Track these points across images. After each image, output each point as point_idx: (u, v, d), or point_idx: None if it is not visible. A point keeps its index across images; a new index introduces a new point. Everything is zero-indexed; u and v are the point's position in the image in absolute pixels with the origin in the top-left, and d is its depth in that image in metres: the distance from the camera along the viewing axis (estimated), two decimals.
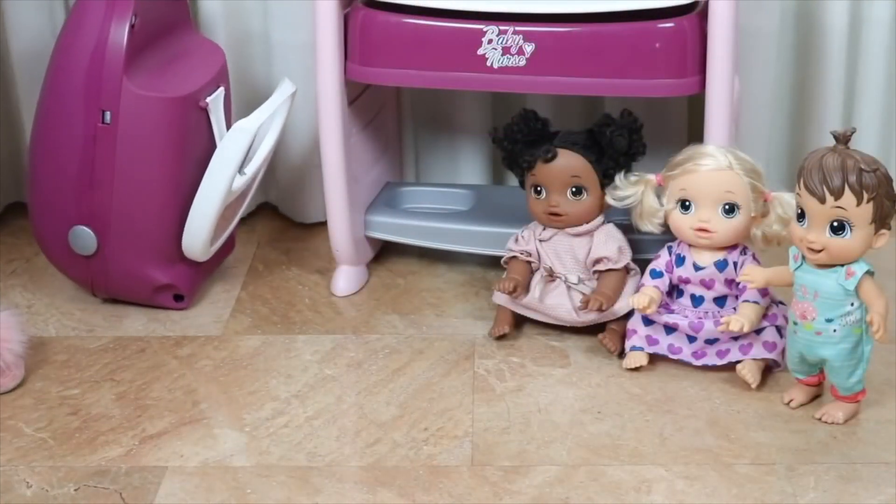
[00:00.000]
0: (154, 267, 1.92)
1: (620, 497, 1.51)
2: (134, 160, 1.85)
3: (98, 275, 1.93)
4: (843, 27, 2.11)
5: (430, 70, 1.83)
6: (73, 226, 1.89)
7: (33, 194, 1.92)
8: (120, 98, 1.82)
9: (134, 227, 1.88)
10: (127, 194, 1.86)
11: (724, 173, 1.72)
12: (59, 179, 1.88)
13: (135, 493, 1.53)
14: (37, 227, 1.95)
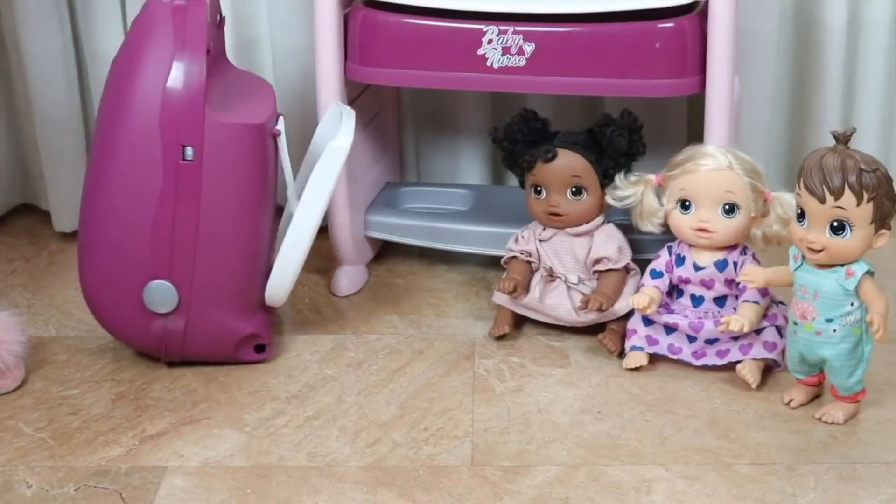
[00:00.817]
0: (237, 316, 1.76)
1: (620, 497, 1.51)
2: (219, 197, 1.69)
3: (173, 335, 1.74)
4: (843, 27, 2.11)
5: (430, 70, 1.83)
6: (149, 281, 1.71)
7: (91, 251, 1.73)
8: (203, 130, 1.67)
9: (218, 272, 1.72)
10: (211, 236, 1.70)
11: (724, 173, 1.72)
12: (131, 230, 1.69)
13: (135, 493, 1.53)
14: (95, 289, 1.75)
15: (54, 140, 2.16)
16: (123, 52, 1.72)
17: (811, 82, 2.17)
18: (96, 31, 2.12)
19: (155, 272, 1.70)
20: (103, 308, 1.76)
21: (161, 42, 1.68)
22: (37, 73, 2.11)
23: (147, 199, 1.68)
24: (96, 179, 1.71)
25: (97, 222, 1.72)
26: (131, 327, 1.75)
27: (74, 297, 2.00)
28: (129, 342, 1.79)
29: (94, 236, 1.72)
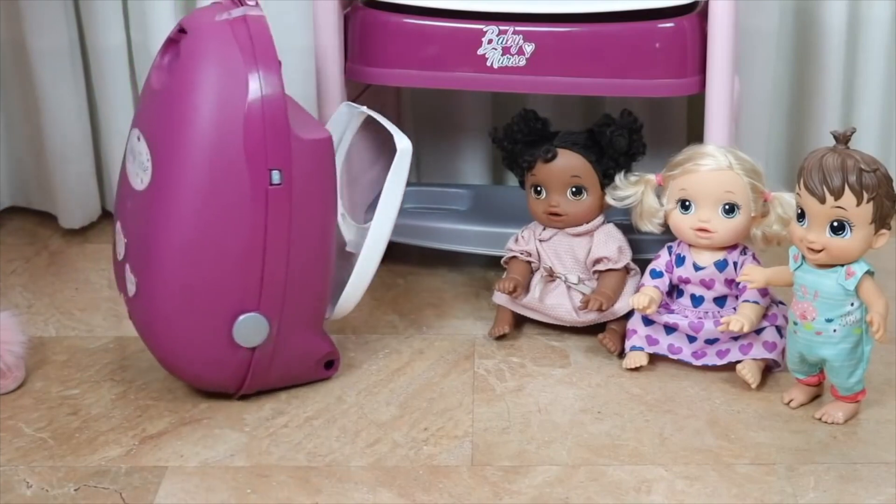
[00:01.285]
0: (318, 336, 1.71)
1: (620, 497, 1.51)
2: (304, 218, 1.62)
3: (259, 366, 1.67)
4: (843, 27, 2.11)
5: (430, 70, 1.83)
6: (238, 315, 1.63)
7: (169, 295, 1.61)
8: (290, 151, 1.58)
9: (305, 295, 1.66)
10: (299, 260, 1.62)
11: (724, 173, 1.72)
12: (218, 265, 1.60)
13: (135, 493, 1.53)
14: (173, 333, 1.64)
15: (60, 136, 2.16)
16: (180, 83, 1.59)
17: (811, 82, 2.17)
18: (101, 27, 2.12)
19: (244, 305, 1.62)
20: (182, 351, 1.65)
21: (227, 63, 1.57)
22: (42, 71, 2.12)
23: (234, 231, 1.58)
24: (170, 218, 1.59)
25: (175, 263, 1.59)
26: (213, 366, 1.66)
27: (74, 297, 2.00)
28: (207, 382, 1.69)
29: (171, 278, 1.60)
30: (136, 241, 1.64)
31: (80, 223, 2.21)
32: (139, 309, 1.66)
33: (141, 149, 1.62)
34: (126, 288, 1.68)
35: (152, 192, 1.60)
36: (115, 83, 2.15)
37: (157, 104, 1.62)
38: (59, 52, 2.11)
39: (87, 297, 2.00)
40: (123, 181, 1.68)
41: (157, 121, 1.61)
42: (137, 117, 1.67)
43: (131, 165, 1.65)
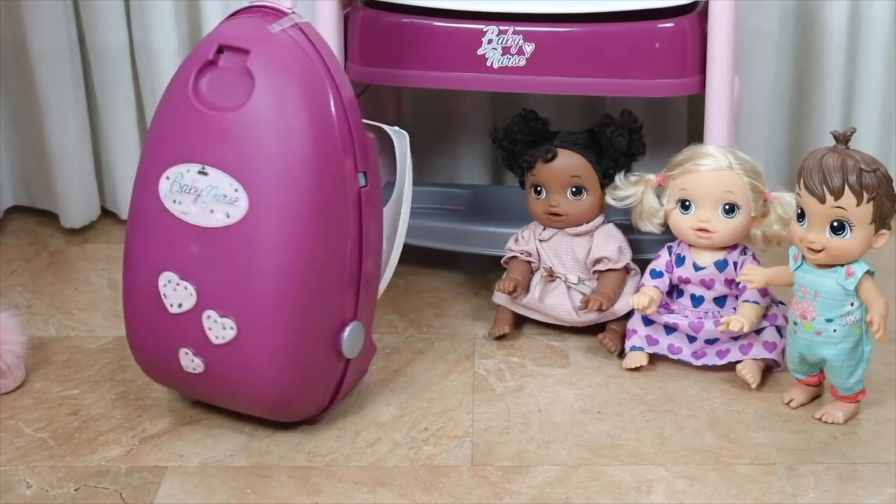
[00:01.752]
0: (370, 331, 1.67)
1: (620, 497, 1.51)
2: (378, 216, 1.61)
3: (350, 378, 1.63)
4: (843, 27, 2.11)
5: (430, 70, 1.83)
6: (344, 328, 1.59)
7: (278, 328, 1.53)
8: (368, 151, 1.57)
9: (375, 294, 1.64)
10: (378, 261, 1.62)
11: (725, 173, 1.72)
12: (328, 280, 1.55)
13: (135, 493, 1.53)
14: (283, 370, 1.56)
15: (61, 136, 2.16)
16: (263, 103, 1.50)
17: (811, 82, 2.17)
18: (101, 27, 2.12)
19: (346, 316, 1.59)
20: (296, 382, 1.58)
21: (307, 74, 1.52)
22: (42, 71, 2.12)
23: (340, 241, 1.54)
24: (279, 242, 1.51)
25: (288, 288, 1.52)
26: (321, 390, 1.61)
27: (74, 296, 2.00)
28: (309, 409, 1.62)
29: (284, 306, 1.53)
30: (222, 282, 1.53)
31: (81, 223, 2.21)
32: (240, 355, 1.55)
33: (213, 182, 1.52)
34: (201, 342, 1.56)
35: (249, 222, 1.51)
36: (116, 83, 2.16)
37: (223, 131, 1.52)
38: (58, 51, 2.11)
39: (87, 297, 2.00)
40: (171, 227, 1.54)
41: (234, 148, 1.51)
42: (189, 151, 1.53)
43: (191, 205, 1.53)
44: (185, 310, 1.55)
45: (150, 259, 1.57)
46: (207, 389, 1.61)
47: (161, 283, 1.56)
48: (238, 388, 1.58)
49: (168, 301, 1.56)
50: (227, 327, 1.54)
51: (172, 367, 1.60)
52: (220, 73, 1.54)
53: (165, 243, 1.56)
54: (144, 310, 1.59)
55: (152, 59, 2.13)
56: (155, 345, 1.60)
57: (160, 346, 1.59)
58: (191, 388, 1.64)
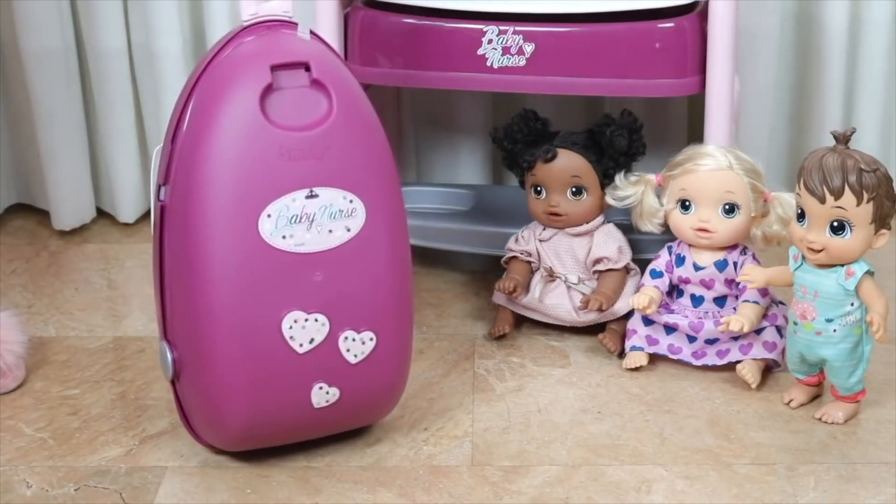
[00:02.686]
0: None
1: (620, 497, 1.51)
2: None
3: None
4: (843, 27, 2.11)
5: (430, 70, 1.83)
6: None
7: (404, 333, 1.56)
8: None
9: None
10: None
11: (724, 173, 1.72)
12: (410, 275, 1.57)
13: (135, 493, 1.53)
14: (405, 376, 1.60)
15: (55, 139, 2.16)
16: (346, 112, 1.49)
17: (812, 82, 2.17)
18: (98, 29, 2.12)
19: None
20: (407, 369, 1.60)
21: (349, 76, 1.53)
22: (38, 72, 2.12)
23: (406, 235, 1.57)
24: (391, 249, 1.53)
25: (402, 289, 1.55)
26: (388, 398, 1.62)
27: (74, 296, 2.00)
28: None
29: (404, 310, 1.56)
30: (352, 299, 1.51)
31: (71, 224, 2.21)
32: (379, 363, 1.55)
33: (326, 201, 1.48)
34: (335, 369, 1.52)
35: (368, 229, 1.50)
36: (115, 85, 2.15)
37: (318, 147, 1.48)
38: (53, 52, 2.11)
39: (87, 297, 2.00)
40: (286, 265, 1.47)
41: (334, 161, 1.49)
42: (288, 181, 1.46)
43: (305, 234, 1.47)
44: (318, 343, 1.50)
45: (265, 309, 1.48)
46: (330, 419, 1.56)
47: (286, 327, 1.48)
48: (371, 401, 1.58)
49: (296, 342, 1.49)
50: (366, 341, 1.52)
51: (296, 412, 1.53)
52: (282, 93, 1.47)
53: (283, 284, 1.48)
54: (264, 366, 1.49)
55: (152, 61, 2.13)
56: (281, 398, 1.51)
57: (287, 394, 1.51)
58: (307, 429, 1.57)
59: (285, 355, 1.49)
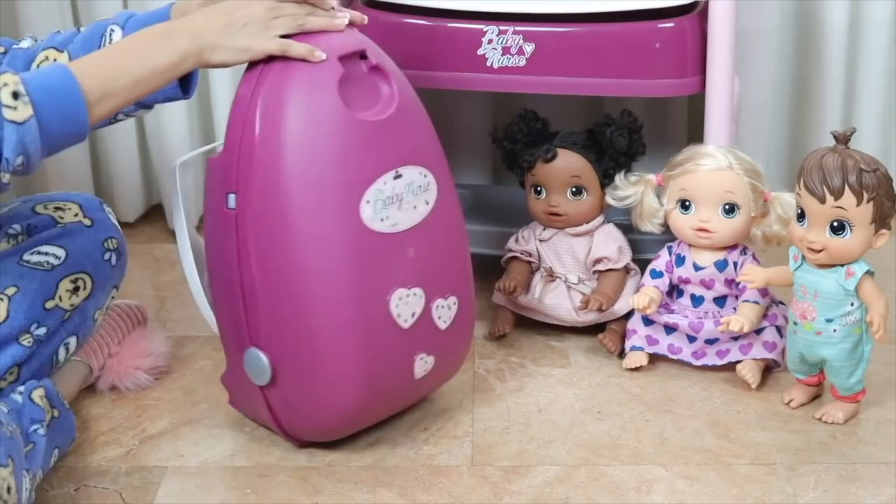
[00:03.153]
0: None
1: (620, 497, 1.51)
2: None
3: None
4: (843, 27, 2.11)
5: (430, 70, 1.83)
6: None
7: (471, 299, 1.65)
8: None
9: None
10: None
11: (725, 173, 1.72)
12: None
13: (135, 493, 1.53)
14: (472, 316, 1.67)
15: None
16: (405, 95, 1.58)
17: (811, 82, 2.17)
18: None
19: None
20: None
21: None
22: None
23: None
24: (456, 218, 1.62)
25: (467, 240, 1.65)
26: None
27: None
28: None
29: (468, 256, 1.64)
30: (437, 268, 1.58)
31: None
32: (460, 322, 1.62)
33: (408, 179, 1.54)
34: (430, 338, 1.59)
35: (441, 199, 1.59)
36: None
37: (394, 128, 1.54)
38: None
39: None
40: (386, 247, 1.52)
41: (406, 138, 1.56)
42: (378, 165, 1.51)
43: (398, 213, 1.52)
44: (418, 315, 1.56)
45: (376, 293, 1.52)
46: (424, 387, 1.65)
47: (393, 306, 1.53)
48: (454, 362, 1.67)
49: (402, 319, 1.54)
50: (451, 306, 1.60)
51: (401, 385, 1.60)
52: (352, 80, 1.52)
53: (387, 265, 1.53)
54: (377, 348, 1.54)
55: None
56: (391, 375, 1.57)
57: (396, 369, 1.57)
58: (406, 400, 1.65)
59: (394, 333, 1.54)
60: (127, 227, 2.25)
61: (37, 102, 1.35)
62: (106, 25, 1.58)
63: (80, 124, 1.39)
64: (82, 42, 1.57)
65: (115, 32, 1.57)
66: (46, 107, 1.36)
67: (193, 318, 1.92)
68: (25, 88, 1.35)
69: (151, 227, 2.27)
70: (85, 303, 1.62)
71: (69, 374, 1.68)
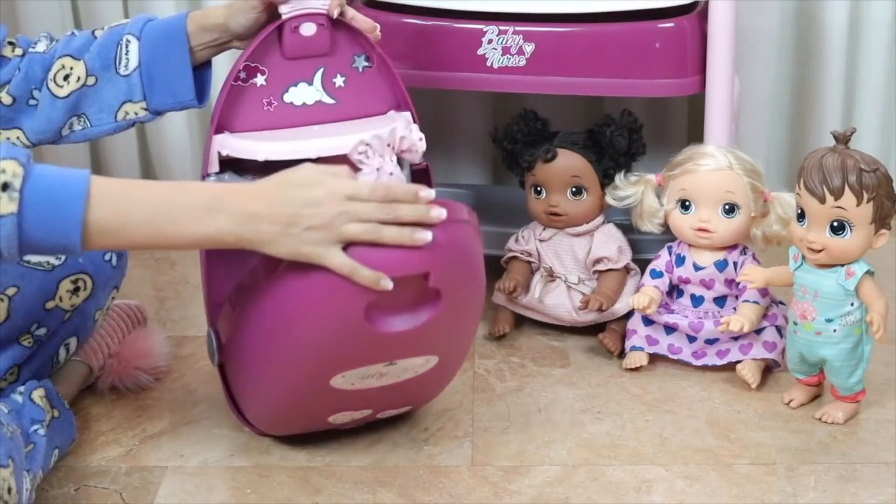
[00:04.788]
0: None
1: (620, 497, 1.51)
2: None
3: None
4: (843, 27, 2.11)
5: (430, 70, 1.83)
6: None
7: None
8: None
9: None
10: None
11: (724, 173, 1.72)
12: None
13: (135, 493, 1.53)
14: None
15: None
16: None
17: (811, 82, 2.17)
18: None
19: None
20: None
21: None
22: None
23: None
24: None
25: None
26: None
27: None
28: None
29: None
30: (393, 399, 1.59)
31: None
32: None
33: (404, 366, 1.50)
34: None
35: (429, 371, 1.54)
36: None
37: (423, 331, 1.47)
38: None
39: None
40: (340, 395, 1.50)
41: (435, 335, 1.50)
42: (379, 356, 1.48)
43: (372, 380, 1.50)
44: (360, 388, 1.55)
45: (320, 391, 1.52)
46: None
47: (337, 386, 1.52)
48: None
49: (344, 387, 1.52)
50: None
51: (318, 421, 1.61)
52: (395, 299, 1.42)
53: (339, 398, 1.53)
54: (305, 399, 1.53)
55: None
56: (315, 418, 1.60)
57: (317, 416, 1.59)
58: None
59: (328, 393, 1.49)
60: None
61: (26, 203, 1.24)
62: (122, 33, 1.57)
63: (70, 244, 1.27)
64: (98, 50, 1.57)
65: (130, 44, 1.56)
66: (35, 211, 1.25)
67: (193, 318, 1.92)
68: (21, 184, 1.24)
69: None
70: (85, 303, 1.63)
71: (69, 374, 1.68)
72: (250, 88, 1.56)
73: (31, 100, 1.57)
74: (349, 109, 1.59)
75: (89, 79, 1.56)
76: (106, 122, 1.58)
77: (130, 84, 1.56)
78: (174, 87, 1.56)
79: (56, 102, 1.57)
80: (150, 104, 1.57)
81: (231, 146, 1.54)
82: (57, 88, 1.56)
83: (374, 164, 1.48)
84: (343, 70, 1.59)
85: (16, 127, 1.58)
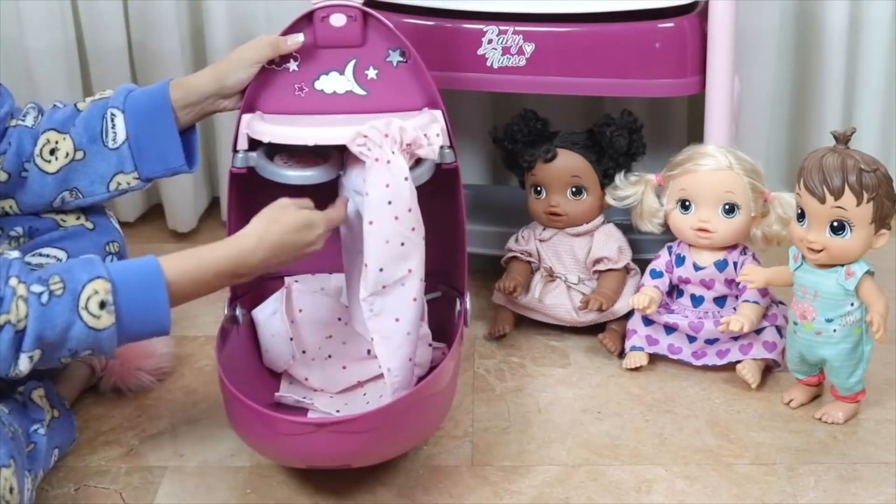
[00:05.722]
0: None
1: (620, 497, 1.51)
2: None
3: None
4: (843, 27, 2.11)
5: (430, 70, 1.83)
6: None
7: None
8: None
9: None
10: None
11: (724, 173, 1.72)
12: None
13: (135, 493, 1.53)
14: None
15: None
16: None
17: (811, 82, 2.17)
18: (99, 28, 2.12)
19: None
20: None
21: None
22: (41, 70, 2.11)
23: None
24: None
25: None
26: None
27: None
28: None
29: None
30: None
31: None
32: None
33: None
34: None
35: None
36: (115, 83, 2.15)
37: None
38: (55, 50, 2.11)
39: None
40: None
41: None
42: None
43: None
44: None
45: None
46: None
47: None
48: None
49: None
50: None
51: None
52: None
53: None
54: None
55: (152, 59, 2.13)
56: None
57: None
58: None
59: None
60: (127, 226, 2.25)
61: (122, 311, 1.40)
62: (106, 107, 1.61)
63: (161, 329, 1.43)
64: (84, 125, 1.61)
65: (116, 118, 1.60)
66: (130, 315, 1.40)
67: (193, 318, 1.92)
68: (114, 298, 1.39)
69: (151, 227, 2.27)
70: None
71: (72, 375, 1.68)
72: (283, 73, 1.62)
73: (24, 172, 1.61)
74: (380, 102, 1.63)
75: (77, 153, 1.60)
76: (99, 193, 1.63)
77: (121, 156, 1.60)
78: (164, 156, 1.61)
79: (46, 178, 1.61)
80: (142, 174, 1.62)
81: (272, 133, 1.57)
82: (45, 164, 1.60)
83: (374, 155, 1.50)
84: (376, 63, 1.63)
85: (9, 197, 1.62)
